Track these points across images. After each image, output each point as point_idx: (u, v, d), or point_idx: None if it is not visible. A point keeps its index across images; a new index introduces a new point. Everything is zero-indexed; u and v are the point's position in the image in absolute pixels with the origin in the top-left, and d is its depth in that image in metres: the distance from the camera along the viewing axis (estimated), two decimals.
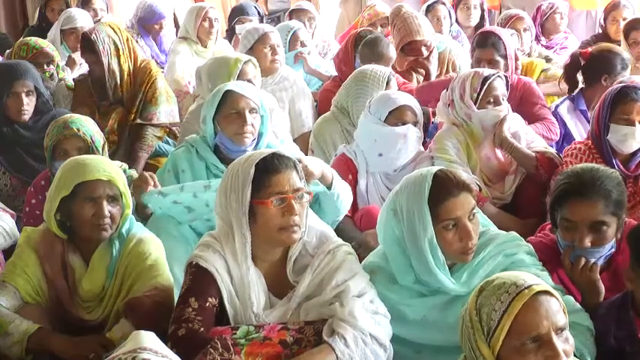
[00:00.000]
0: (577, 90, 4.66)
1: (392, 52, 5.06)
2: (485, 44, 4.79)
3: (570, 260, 2.77)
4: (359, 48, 5.14)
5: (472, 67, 4.79)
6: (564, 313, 2.07)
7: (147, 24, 6.70)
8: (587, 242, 2.73)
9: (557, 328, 2.03)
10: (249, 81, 4.25)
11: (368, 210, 3.67)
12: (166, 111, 5.00)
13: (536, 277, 2.13)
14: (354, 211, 3.72)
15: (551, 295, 2.06)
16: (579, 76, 4.63)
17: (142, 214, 3.44)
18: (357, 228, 3.66)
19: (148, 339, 1.97)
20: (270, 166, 2.67)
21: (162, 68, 5.99)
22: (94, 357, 2.70)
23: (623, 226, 2.80)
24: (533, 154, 3.88)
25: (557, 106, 4.70)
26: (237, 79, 4.26)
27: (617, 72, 4.46)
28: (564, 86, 4.69)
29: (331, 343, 2.56)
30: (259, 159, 2.68)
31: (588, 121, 4.35)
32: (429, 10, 6.50)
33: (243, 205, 2.65)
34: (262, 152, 2.75)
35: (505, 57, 4.77)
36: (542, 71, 5.50)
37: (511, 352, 2.03)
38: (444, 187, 2.68)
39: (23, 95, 4.22)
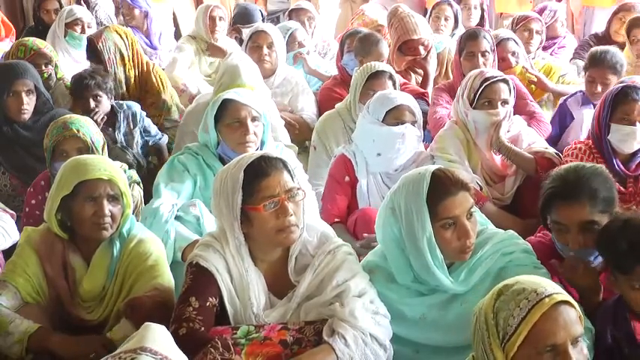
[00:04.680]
0: None
1: (382, 49, 5.08)
2: (477, 36, 4.83)
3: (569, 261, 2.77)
4: (354, 43, 5.20)
5: (462, 62, 4.82)
6: (580, 322, 2.07)
7: (123, 10, 6.74)
8: (580, 243, 2.74)
9: (573, 338, 2.03)
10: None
11: (364, 212, 3.61)
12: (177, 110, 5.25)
13: (556, 286, 2.11)
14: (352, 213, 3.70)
15: (571, 305, 2.06)
16: None
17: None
18: (347, 233, 3.61)
19: (153, 337, 1.97)
20: (258, 171, 2.65)
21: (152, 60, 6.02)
22: (95, 357, 2.69)
23: None
24: (532, 157, 3.87)
25: (565, 100, 4.73)
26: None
27: (591, 66, 4.56)
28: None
29: (331, 343, 2.55)
30: (247, 164, 2.66)
31: None
32: (435, 7, 6.51)
33: (234, 211, 2.64)
34: (250, 156, 2.72)
35: (493, 51, 4.83)
36: (560, 76, 5.49)
37: (525, 359, 2.03)
38: (442, 186, 2.68)
39: (23, 94, 4.21)
